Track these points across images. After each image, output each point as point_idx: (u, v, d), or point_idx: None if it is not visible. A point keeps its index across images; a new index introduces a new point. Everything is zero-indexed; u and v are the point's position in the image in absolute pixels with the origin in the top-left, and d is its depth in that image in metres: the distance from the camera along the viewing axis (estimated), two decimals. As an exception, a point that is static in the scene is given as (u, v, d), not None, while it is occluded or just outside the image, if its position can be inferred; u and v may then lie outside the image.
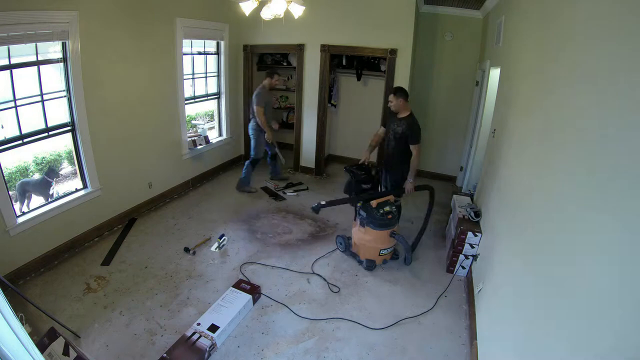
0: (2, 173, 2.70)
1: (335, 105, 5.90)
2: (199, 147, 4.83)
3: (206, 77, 5.00)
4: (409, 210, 4.46)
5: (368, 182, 3.57)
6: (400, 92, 3.40)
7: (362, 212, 3.19)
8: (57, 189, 3.29)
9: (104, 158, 3.50)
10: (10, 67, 2.69)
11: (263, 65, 6.03)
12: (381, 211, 3.14)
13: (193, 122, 5.15)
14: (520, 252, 1.98)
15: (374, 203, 3.15)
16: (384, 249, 3.21)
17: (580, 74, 1.61)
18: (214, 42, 4.96)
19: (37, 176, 3.14)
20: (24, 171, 3.07)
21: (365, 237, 3.18)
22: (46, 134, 3.04)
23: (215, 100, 5.27)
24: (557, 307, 1.42)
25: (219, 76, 5.17)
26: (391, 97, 3.43)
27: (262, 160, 4.88)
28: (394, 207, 3.26)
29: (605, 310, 1.09)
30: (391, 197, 3.31)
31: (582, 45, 1.63)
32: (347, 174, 3.62)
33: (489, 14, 4.39)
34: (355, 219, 3.33)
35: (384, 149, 3.69)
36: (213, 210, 4.27)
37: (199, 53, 4.78)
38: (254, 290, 2.78)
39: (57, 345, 2.01)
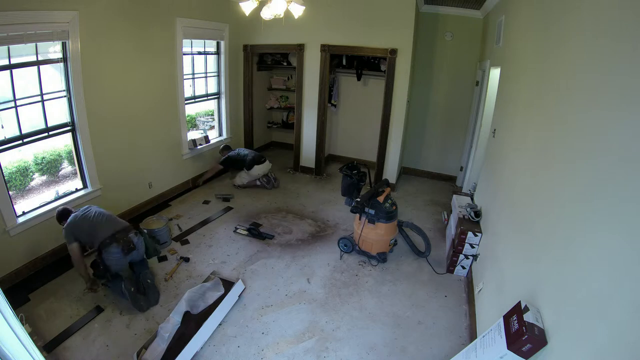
0: (2, 173, 2.71)
1: (335, 105, 5.90)
2: (199, 146, 4.83)
3: (206, 77, 5.00)
4: (407, 214, 4.47)
5: (363, 180, 3.68)
6: None
7: (370, 211, 3.23)
8: (58, 188, 3.29)
9: (104, 158, 3.50)
10: (10, 67, 2.69)
11: (263, 65, 6.03)
12: (386, 204, 3.21)
13: (198, 119, 5.17)
14: (520, 251, 1.98)
15: (380, 198, 3.22)
16: (392, 239, 3.35)
17: (580, 73, 1.61)
18: (214, 42, 4.96)
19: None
20: (24, 171, 3.07)
21: (379, 232, 3.25)
22: (46, 134, 3.04)
23: (215, 100, 5.28)
24: (557, 306, 1.42)
25: (219, 76, 5.17)
26: None
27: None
28: (392, 198, 3.39)
29: (604, 308, 1.09)
30: (388, 190, 3.38)
31: (582, 45, 1.64)
32: (345, 177, 3.67)
33: (489, 14, 4.39)
34: (359, 219, 3.34)
35: None
36: (213, 210, 4.27)
37: (199, 53, 4.78)
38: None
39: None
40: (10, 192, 2.82)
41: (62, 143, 3.29)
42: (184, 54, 4.38)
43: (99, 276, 2.73)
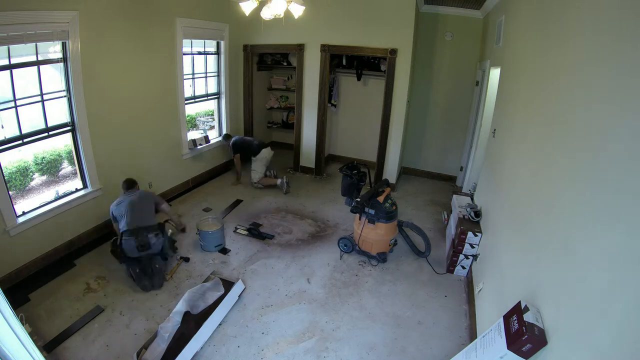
0: (2, 173, 2.71)
1: (335, 105, 5.90)
2: (199, 146, 4.83)
3: (206, 77, 5.00)
4: (407, 214, 4.47)
5: (363, 180, 3.67)
6: None
7: (370, 211, 3.23)
8: (58, 188, 3.29)
9: (104, 158, 3.50)
10: (10, 67, 2.69)
11: (263, 65, 6.03)
12: (386, 204, 3.21)
13: (198, 119, 5.19)
14: (520, 251, 1.98)
15: (380, 198, 3.22)
16: (392, 239, 3.34)
17: (580, 73, 1.61)
18: (214, 42, 4.96)
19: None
20: (24, 171, 3.07)
21: (379, 232, 3.25)
22: (46, 134, 3.04)
23: (215, 100, 5.28)
24: (557, 306, 1.42)
25: (219, 76, 5.17)
26: None
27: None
28: (392, 198, 3.39)
29: (604, 308, 1.09)
30: (388, 190, 3.38)
31: (582, 44, 1.64)
32: (345, 177, 3.66)
33: (489, 14, 4.39)
34: (359, 219, 3.34)
35: None
36: (213, 211, 4.27)
37: (199, 53, 4.78)
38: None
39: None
40: (10, 192, 2.81)
41: (62, 143, 3.29)
42: (184, 54, 4.38)
43: (114, 253, 3.03)
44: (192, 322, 2.42)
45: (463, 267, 3.17)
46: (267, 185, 4.92)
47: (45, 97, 2.97)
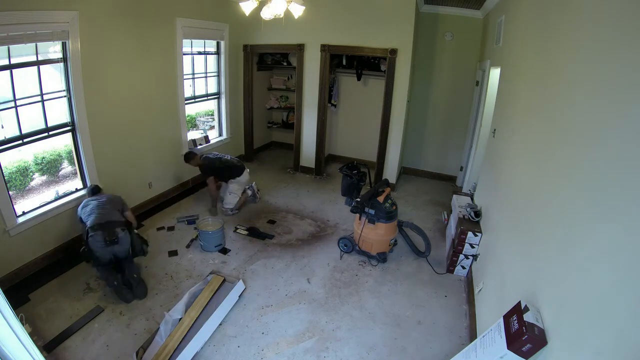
0: (2, 173, 2.71)
1: (335, 105, 5.90)
2: (199, 146, 4.83)
3: (206, 77, 5.00)
4: (407, 214, 4.47)
5: (363, 180, 3.67)
6: None
7: (370, 211, 3.22)
8: (58, 188, 3.29)
9: (104, 158, 3.50)
10: (10, 67, 2.69)
11: (263, 65, 6.03)
12: (386, 204, 3.21)
13: (198, 119, 5.18)
14: (520, 251, 1.98)
15: (380, 198, 3.21)
16: (392, 239, 3.35)
17: (580, 72, 1.61)
18: (214, 42, 4.96)
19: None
20: (24, 171, 3.07)
21: (379, 232, 3.25)
22: (46, 134, 3.04)
23: (215, 100, 5.28)
24: (557, 306, 1.42)
25: (219, 76, 5.17)
26: None
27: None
28: (392, 198, 3.39)
29: (604, 308, 1.09)
30: (388, 190, 3.38)
31: (582, 44, 1.63)
32: (345, 177, 3.66)
33: (489, 14, 4.39)
34: (359, 219, 3.34)
35: None
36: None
37: (199, 53, 4.78)
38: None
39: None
40: (10, 192, 2.82)
41: (62, 143, 3.29)
42: (184, 54, 4.38)
43: (82, 257, 2.82)
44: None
45: (463, 267, 3.17)
46: (240, 206, 4.31)
47: (45, 97, 2.97)
